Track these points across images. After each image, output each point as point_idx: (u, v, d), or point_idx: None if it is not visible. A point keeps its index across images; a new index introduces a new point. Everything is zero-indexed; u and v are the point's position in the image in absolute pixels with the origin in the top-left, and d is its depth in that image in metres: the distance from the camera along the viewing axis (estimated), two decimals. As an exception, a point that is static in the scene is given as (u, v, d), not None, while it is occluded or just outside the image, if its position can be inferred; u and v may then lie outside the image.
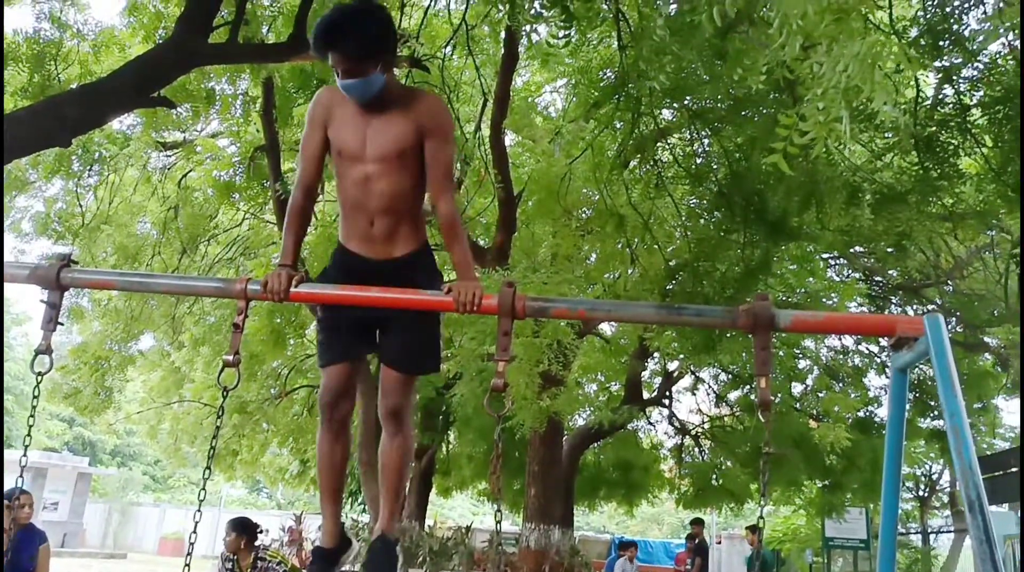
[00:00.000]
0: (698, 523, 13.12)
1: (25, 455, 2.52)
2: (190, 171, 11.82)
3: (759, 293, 2.69)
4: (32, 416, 2.50)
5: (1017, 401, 13.72)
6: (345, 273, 2.78)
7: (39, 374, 2.55)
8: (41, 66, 8.17)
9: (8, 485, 5.97)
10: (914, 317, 2.49)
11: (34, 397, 2.54)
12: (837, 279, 12.22)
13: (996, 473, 10.07)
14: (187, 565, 2.40)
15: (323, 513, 3.03)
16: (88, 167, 10.79)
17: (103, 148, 10.63)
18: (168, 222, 11.46)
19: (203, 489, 2.48)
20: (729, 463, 14.67)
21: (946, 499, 19.60)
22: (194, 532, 2.43)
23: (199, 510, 2.45)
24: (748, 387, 14.10)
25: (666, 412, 16.40)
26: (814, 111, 2.79)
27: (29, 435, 2.52)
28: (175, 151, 11.87)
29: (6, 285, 2.73)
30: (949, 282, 11.75)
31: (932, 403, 13.09)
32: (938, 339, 2.30)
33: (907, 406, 2.98)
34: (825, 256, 11.45)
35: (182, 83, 8.22)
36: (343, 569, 3.07)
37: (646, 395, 15.33)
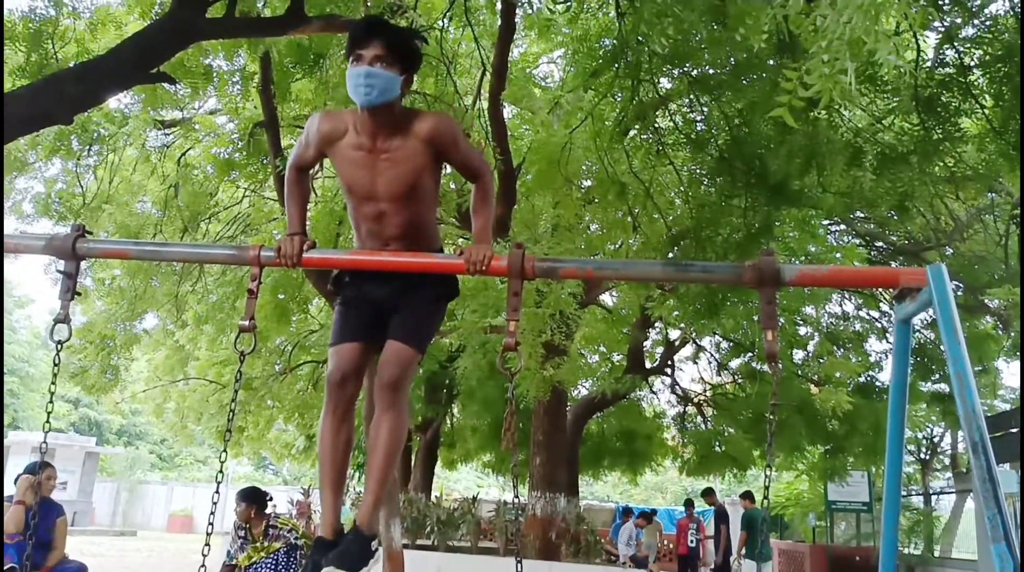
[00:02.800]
0: (710, 493, 13.20)
1: (48, 422, 2.58)
2: (189, 149, 11.80)
3: (764, 249, 2.73)
4: (53, 383, 2.55)
5: (1017, 364, 13.80)
6: (359, 292, 2.94)
7: (59, 343, 2.60)
8: (38, 45, 8.12)
9: (18, 464, 6.08)
10: (917, 268, 2.53)
11: (55, 365, 2.59)
12: (838, 245, 12.23)
13: (997, 433, 10.17)
14: (210, 523, 2.46)
15: (323, 503, 2.87)
16: (87, 147, 10.78)
17: (102, 127, 10.61)
18: (168, 200, 11.45)
19: (224, 451, 2.54)
20: (731, 430, 14.76)
21: (947, 461, 19.76)
22: (216, 493, 2.49)
23: (221, 471, 2.50)
24: (750, 354, 14.19)
25: (668, 381, 16.52)
26: (819, 64, 2.81)
27: (51, 402, 2.56)
28: (173, 129, 11.85)
29: (7, 267, 2.76)
30: (949, 245, 11.78)
31: (933, 366, 13.18)
32: (941, 288, 2.35)
33: (910, 363, 3.03)
34: (826, 222, 11.46)
35: (180, 60, 8.18)
36: None
37: (648, 365, 15.43)
